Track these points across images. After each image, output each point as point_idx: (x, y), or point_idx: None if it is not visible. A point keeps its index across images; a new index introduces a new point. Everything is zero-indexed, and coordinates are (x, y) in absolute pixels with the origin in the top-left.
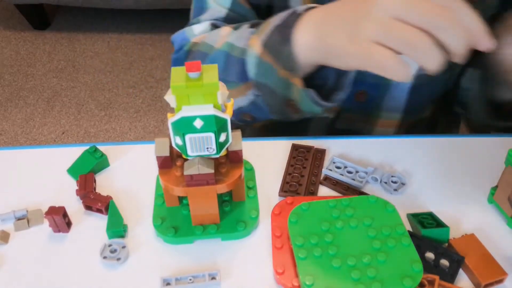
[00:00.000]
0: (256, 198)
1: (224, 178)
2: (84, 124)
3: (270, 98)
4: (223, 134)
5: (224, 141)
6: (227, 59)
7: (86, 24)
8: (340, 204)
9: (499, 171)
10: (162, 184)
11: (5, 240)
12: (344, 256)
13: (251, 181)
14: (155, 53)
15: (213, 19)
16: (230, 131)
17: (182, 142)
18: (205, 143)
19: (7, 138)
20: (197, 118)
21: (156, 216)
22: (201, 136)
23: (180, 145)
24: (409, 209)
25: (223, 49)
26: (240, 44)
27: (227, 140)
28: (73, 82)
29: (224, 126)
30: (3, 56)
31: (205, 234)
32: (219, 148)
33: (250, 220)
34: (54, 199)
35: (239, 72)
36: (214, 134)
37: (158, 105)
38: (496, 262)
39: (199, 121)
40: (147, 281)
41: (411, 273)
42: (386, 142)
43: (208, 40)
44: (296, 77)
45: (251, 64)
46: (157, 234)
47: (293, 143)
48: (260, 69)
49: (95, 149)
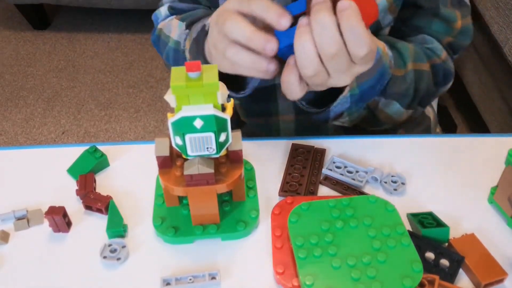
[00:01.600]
0: (256, 198)
1: (224, 178)
2: (84, 124)
3: None
4: (223, 134)
5: (224, 141)
6: (175, 54)
7: (86, 24)
8: (340, 204)
9: (499, 171)
10: (162, 184)
11: (5, 240)
12: (344, 256)
13: (251, 181)
14: (155, 53)
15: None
16: (230, 131)
17: (182, 142)
18: (205, 143)
19: (7, 138)
20: (197, 118)
21: (156, 216)
22: (201, 136)
23: (180, 145)
24: (409, 209)
25: (172, 45)
26: (181, 42)
27: (227, 140)
28: (73, 82)
29: (224, 126)
30: (3, 56)
31: (205, 234)
32: (219, 148)
33: (250, 220)
34: (54, 199)
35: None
36: (214, 134)
37: (158, 105)
38: (496, 262)
39: (199, 121)
40: (147, 281)
41: (411, 273)
42: (386, 142)
43: (165, 30)
44: None
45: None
46: (157, 234)
47: (293, 143)
48: None
49: (95, 149)
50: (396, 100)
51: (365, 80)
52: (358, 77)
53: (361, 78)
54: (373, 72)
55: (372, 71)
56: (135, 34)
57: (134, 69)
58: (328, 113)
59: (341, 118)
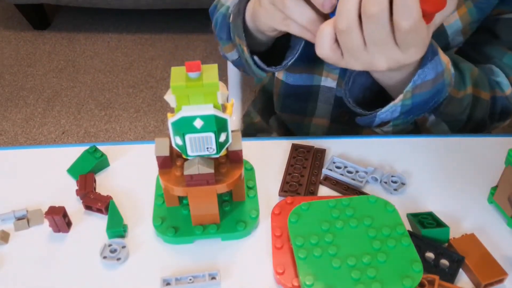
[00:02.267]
0: (256, 198)
1: (224, 178)
2: (84, 124)
3: (242, 57)
4: (223, 134)
5: (224, 141)
6: (223, 19)
7: (86, 24)
8: (340, 204)
9: (499, 171)
10: (162, 184)
11: (5, 240)
12: (344, 256)
13: (251, 181)
14: (155, 53)
15: None
16: (230, 131)
17: (182, 142)
18: (205, 143)
19: (7, 138)
20: (197, 118)
21: (156, 216)
22: (201, 136)
23: (180, 145)
24: (409, 209)
25: (222, 10)
26: (231, 8)
27: (227, 140)
28: (73, 82)
29: (224, 126)
30: (3, 56)
31: (205, 234)
32: (219, 148)
33: (250, 220)
34: (54, 199)
35: (227, 32)
36: (214, 134)
37: (158, 105)
38: (496, 262)
39: (199, 121)
40: (147, 281)
41: (411, 273)
42: (386, 142)
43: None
44: (243, 43)
45: (231, 28)
46: (157, 234)
47: (293, 143)
48: (233, 33)
49: (95, 149)
50: (446, 122)
51: (420, 92)
52: (414, 87)
53: (416, 89)
54: (430, 85)
55: (429, 83)
56: (135, 34)
57: (134, 69)
58: (374, 118)
59: (385, 126)
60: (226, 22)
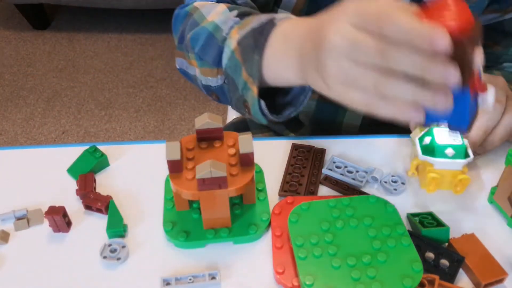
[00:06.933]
0: (267, 200)
1: (235, 182)
2: (84, 124)
3: (232, 92)
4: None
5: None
6: (209, 39)
7: (86, 24)
8: (340, 204)
9: (499, 171)
10: (173, 188)
11: (5, 240)
12: (344, 256)
13: (261, 183)
14: (155, 53)
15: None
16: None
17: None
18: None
19: (7, 138)
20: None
21: (166, 220)
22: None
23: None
24: (409, 209)
25: (208, 27)
26: (224, 29)
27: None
28: (73, 82)
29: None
30: (3, 56)
31: (217, 238)
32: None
33: (262, 223)
34: (54, 199)
35: (215, 56)
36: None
37: (158, 105)
38: (496, 262)
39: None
40: (147, 281)
41: (411, 273)
42: (386, 142)
43: (203, 10)
44: (254, 83)
45: (226, 55)
46: (168, 239)
47: (293, 143)
48: (231, 62)
49: (95, 149)
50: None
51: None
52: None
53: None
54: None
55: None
56: (135, 34)
57: (134, 69)
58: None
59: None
60: (217, 44)
